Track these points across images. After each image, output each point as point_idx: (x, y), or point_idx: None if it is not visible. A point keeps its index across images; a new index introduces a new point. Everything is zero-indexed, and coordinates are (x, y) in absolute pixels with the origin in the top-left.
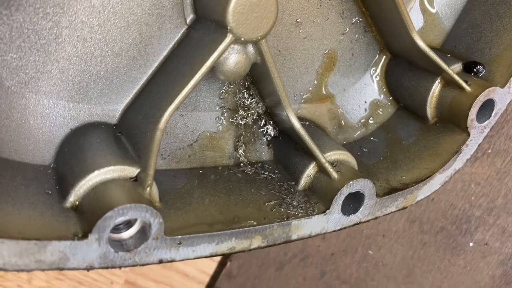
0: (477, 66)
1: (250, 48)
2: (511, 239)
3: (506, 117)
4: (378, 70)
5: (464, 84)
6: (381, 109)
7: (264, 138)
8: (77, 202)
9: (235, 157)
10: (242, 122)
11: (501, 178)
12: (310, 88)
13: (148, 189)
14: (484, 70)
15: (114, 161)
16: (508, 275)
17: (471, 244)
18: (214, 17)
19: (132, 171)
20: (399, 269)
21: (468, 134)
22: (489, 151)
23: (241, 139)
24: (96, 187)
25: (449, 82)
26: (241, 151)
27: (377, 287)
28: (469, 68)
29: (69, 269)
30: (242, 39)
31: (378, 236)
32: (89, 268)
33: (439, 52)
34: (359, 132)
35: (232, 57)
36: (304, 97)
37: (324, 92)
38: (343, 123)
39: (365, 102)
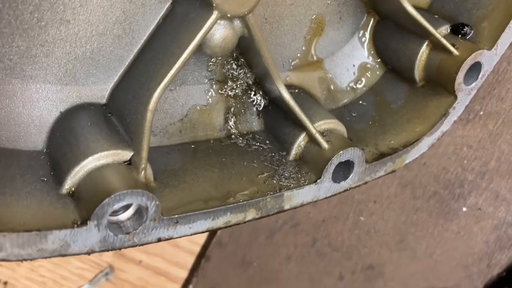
0: (465, 28)
1: (237, 22)
2: (504, 203)
3: (497, 78)
4: (366, 33)
5: (451, 48)
6: (369, 72)
7: (254, 108)
8: (73, 188)
9: (226, 129)
10: (232, 93)
11: (494, 141)
12: (299, 55)
13: (142, 172)
14: (472, 32)
15: (107, 146)
16: (502, 240)
17: (464, 209)
18: None
19: (126, 154)
20: (392, 235)
21: (456, 97)
22: (481, 113)
23: (231, 110)
24: (91, 173)
25: (436, 45)
26: (231, 122)
27: (369, 254)
28: (456, 30)
29: (70, 255)
30: (228, 15)
31: (370, 202)
32: (90, 252)
33: (426, 13)
34: (348, 96)
35: (219, 33)
36: (292, 64)
37: (312, 57)
38: (332, 87)
39: (354, 65)
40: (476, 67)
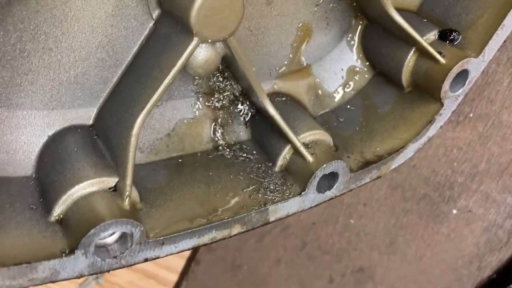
0: (453, 34)
1: (219, 44)
2: (494, 205)
3: (487, 79)
4: (355, 37)
5: (438, 56)
6: (357, 76)
7: (241, 118)
8: (61, 216)
9: (214, 141)
10: (219, 105)
11: (484, 143)
12: (286, 62)
13: (127, 200)
14: (460, 37)
15: (93, 174)
16: (492, 242)
17: (454, 211)
18: (179, 18)
19: (111, 181)
20: (382, 238)
21: (442, 104)
22: (471, 115)
23: (219, 121)
24: (77, 201)
25: (423, 53)
26: (218, 134)
27: (359, 256)
28: (444, 36)
29: (61, 280)
30: (209, 40)
31: (359, 205)
32: (79, 277)
33: (415, 16)
34: (335, 100)
35: (201, 56)
36: (280, 71)
37: (299, 64)
38: (320, 92)
39: (342, 69)
40: (463, 74)
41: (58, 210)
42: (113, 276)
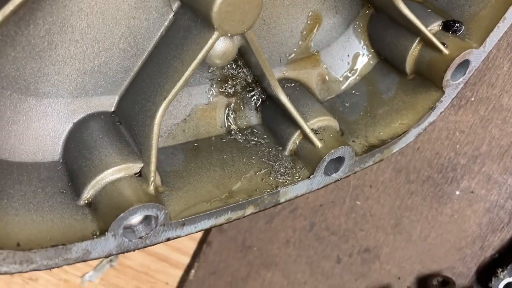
0: (456, 24)
1: (237, 36)
2: (496, 186)
3: (487, 64)
4: (362, 24)
5: (441, 47)
6: (363, 62)
7: (252, 103)
8: (90, 199)
9: (226, 126)
10: (231, 91)
11: (485, 126)
12: (295, 49)
13: (152, 184)
14: (463, 28)
15: (119, 160)
16: (494, 222)
17: (457, 192)
18: (200, 12)
19: (136, 167)
20: (387, 219)
21: (443, 92)
22: (472, 99)
23: (231, 106)
24: (106, 186)
25: (427, 43)
26: (231, 118)
27: (365, 237)
28: (448, 26)
29: (91, 259)
30: (229, 34)
31: (365, 187)
32: (108, 256)
33: (420, 6)
34: (341, 86)
35: (219, 47)
36: (289, 58)
37: (308, 51)
38: (327, 78)
39: (348, 55)
40: (464, 64)
41: (87, 194)
42: (127, 260)
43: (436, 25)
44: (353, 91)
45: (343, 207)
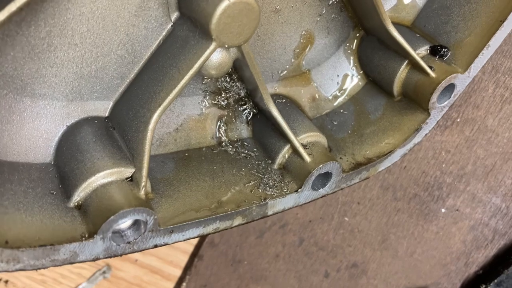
0: (443, 50)
1: (233, 48)
2: (480, 204)
3: (473, 87)
4: (352, 46)
5: (428, 70)
6: (352, 82)
7: (244, 116)
8: (80, 202)
9: (217, 137)
10: (224, 103)
11: (470, 146)
12: (287, 66)
13: (143, 189)
14: (449, 53)
15: (111, 164)
16: (479, 239)
17: (443, 210)
18: (198, 23)
19: (128, 171)
20: (375, 235)
21: (429, 114)
22: (458, 119)
23: (223, 119)
24: (97, 189)
25: (415, 66)
26: (222, 130)
27: (353, 252)
28: (434, 51)
29: (78, 262)
30: (226, 46)
31: (353, 203)
32: (95, 259)
33: (409, 31)
34: (331, 104)
35: (215, 58)
36: (281, 74)
37: (300, 68)
38: (317, 96)
39: (338, 75)
40: (450, 87)
41: (77, 197)
42: (120, 272)
43: (423, 50)
44: (342, 110)
45: (331, 223)
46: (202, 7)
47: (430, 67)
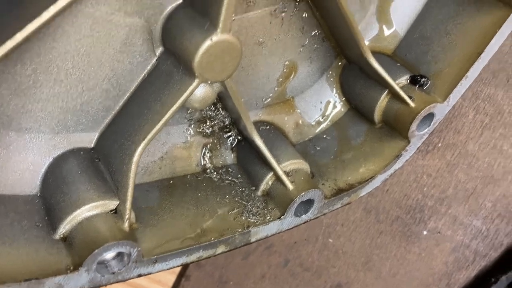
0: (422, 79)
1: (216, 83)
2: (461, 227)
3: (454, 112)
4: (334, 74)
5: (408, 100)
6: (334, 109)
7: (228, 143)
8: (65, 234)
9: (202, 164)
10: (209, 131)
11: (451, 170)
12: (271, 94)
13: (127, 222)
14: (429, 83)
15: (96, 196)
16: (460, 261)
17: (424, 232)
18: (182, 60)
19: (112, 204)
20: (358, 257)
21: (409, 141)
22: (439, 144)
23: (208, 146)
24: (82, 222)
25: (395, 95)
26: (207, 157)
27: (338, 273)
28: (414, 81)
29: None
30: (209, 82)
31: (337, 225)
32: None
33: (390, 60)
34: (314, 130)
35: (199, 92)
36: (265, 102)
37: (284, 96)
38: (300, 122)
39: (321, 102)
40: (429, 116)
41: (63, 229)
42: None
43: (404, 79)
44: (325, 136)
45: (316, 245)
46: (185, 46)
47: (410, 97)
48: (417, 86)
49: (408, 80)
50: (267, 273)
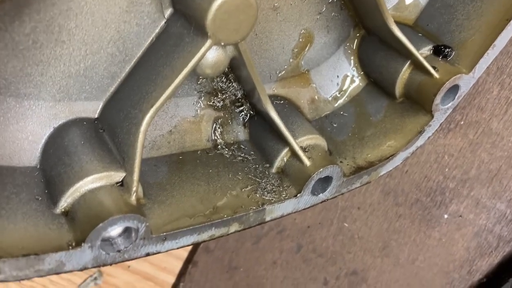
0: (446, 50)
1: (229, 46)
2: (484, 210)
3: (477, 88)
4: (352, 46)
5: (432, 71)
6: (352, 83)
7: (240, 118)
8: (67, 208)
9: (213, 140)
10: (220, 105)
11: (474, 150)
12: (286, 66)
13: (134, 195)
14: (453, 53)
15: (101, 167)
16: (483, 246)
17: (445, 216)
18: (193, 19)
19: (118, 176)
20: (375, 242)
21: (432, 116)
22: (462, 122)
23: (219, 121)
24: (85, 194)
25: (418, 66)
26: (218, 133)
27: (353, 260)
28: (438, 51)
29: (65, 272)
30: (222, 43)
31: (353, 209)
32: (83, 269)
33: (411, 31)
34: (330, 106)
35: (211, 57)
36: (279, 75)
37: (299, 68)
38: (316, 97)
39: (338, 76)
40: (454, 89)
41: (64, 203)
42: (112, 278)
43: (426, 50)
44: (342, 112)
45: (330, 229)
46: (197, 3)
47: (434, 68)
48: (440, 57)
49: (431, 51)
50: (278, 259)
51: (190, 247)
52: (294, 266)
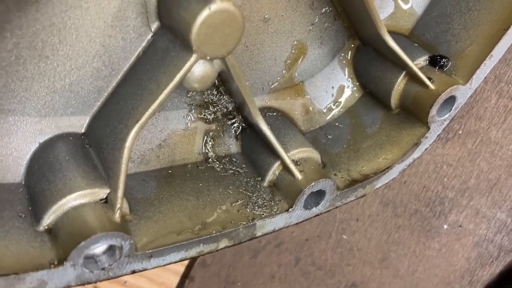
0: (443, 60)
1: (217, 60)
2: (484, 220)
3: (475, 97)
4: (347, 56)
5: (427, 82)
6: (347, 94)
7: (232, 131)
8: (50, 225)
9: (204, 153)
10: (211, 117)
11: (473, 159)
12: (279, 78)
13: (118, 212)
14: (449, 64)
15: (84, 184)
16: (483, 257)
17: (445, 226)
18: (179, 33)
19: (103, 192)
20: (375, 254)
21: (428, 128)
22: (460, 132)
23: (210, 134)
24: (68, 212)
25: (413, 77)
26: (209, 146)
27: (353, 272)
28: (434, 62)
29: None
30: (208, 57)
31: (352, 221)
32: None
33: (407, 40)
34: (325, 117)
35: (198, 71)
36: (272, 86)
37: (292, 80)
38: (310, 109)
39: (332, 87)
40: (450, 100)
41: (47, 220)
42: None
43: (422, 60)
44: (337, 124)
45: (329, 242)
46: (182, 16)
47: (429, 79)
48: (436, 68)
49: (427, 61)
50: (277, 272)
51: (187, 261)
52: (293, 280)
